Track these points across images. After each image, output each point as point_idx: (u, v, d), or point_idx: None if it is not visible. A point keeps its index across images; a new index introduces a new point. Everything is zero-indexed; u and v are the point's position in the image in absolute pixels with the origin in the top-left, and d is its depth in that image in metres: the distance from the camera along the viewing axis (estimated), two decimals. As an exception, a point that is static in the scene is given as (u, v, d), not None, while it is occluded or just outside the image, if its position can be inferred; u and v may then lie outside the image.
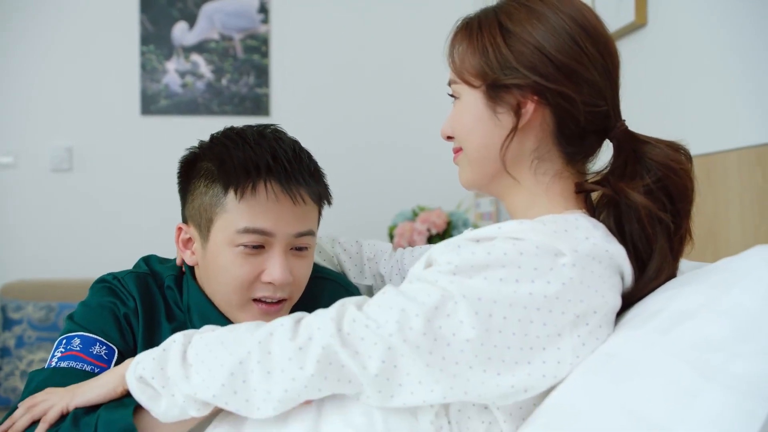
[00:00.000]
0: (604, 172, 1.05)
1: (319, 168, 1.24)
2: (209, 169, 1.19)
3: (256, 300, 1.19)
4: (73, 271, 3.34)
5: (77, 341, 1.16)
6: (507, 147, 1.03)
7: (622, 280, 0.99)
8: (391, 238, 3.17)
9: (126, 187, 3.49)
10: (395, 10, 3.61)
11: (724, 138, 1.68)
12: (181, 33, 3.53)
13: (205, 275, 1.22)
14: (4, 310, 2.99)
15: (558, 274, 0.91)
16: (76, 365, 1.13)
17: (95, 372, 1.13)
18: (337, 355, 0.91)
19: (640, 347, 0.89)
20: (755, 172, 1.54)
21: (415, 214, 3.17)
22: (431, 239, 3.05)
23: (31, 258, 3.41)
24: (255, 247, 1.16)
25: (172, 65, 3.52)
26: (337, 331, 0.92)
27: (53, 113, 3.46)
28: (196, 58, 3.54)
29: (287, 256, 1.18)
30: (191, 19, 3.53)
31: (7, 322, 2.96)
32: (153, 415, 1.00)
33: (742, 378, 0.78)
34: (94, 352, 1.16)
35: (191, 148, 1.26)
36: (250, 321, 1.16)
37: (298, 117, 3.49)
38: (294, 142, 1.23)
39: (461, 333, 0.89)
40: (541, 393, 0.93)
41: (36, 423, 1.04)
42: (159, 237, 3.00)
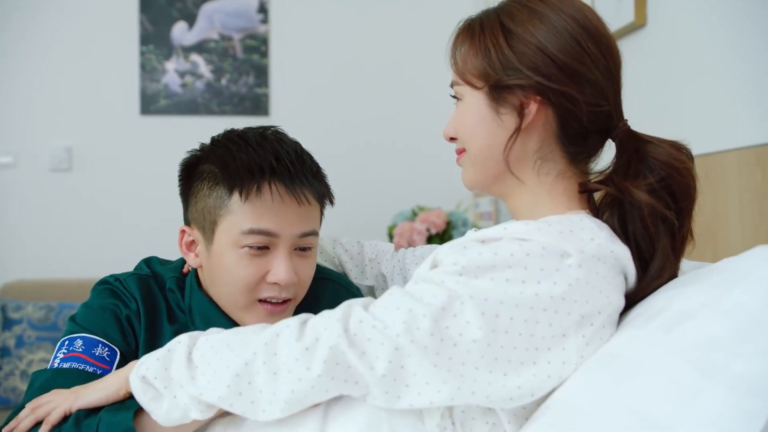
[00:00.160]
0: (607, 171, 1.05)
1: (321, 168, 1.25)
2: (212, 172, 1.20)
3: (261, 301, 1.19)
4: (73, 271, 3.35)
5: (79, 342, 1.16)
6: (510, 148, 1.03)
7: (626, 280, 0.99)
8: (390, 238, 3.17)
9: (126, 187, 3.48)
10: (395, 10, 3.61)
11: (723, 138, 1.68)
12: (180, 33, 3.53)
13: (210, 277, 1.22)
14: (3, 309, 2.98)
15: (564, 275, 0.91)
16: (78, 366, 1.13)
17: (98, 373, 1.13)
18: (344, 355, 0.91)
19: (642, 347, 0.89)
20: (754, 172, 1.54)
21: (414, 214, 3.17)
22: (431, 239, 3.05)
23: (30, 258, 3.41)
24: (260, 248, 1.17)
25: (172, 65, 3.52)
26: (344, 331, 0.92)
27: (53, 113, 3.46)
28: (196, 58, 3.54)
29: (292, 257, 1.18)
30: (191, 19, 3.53)
31: (6, 322, 2.96)
32: (153, 417, 0.99)
33: (743, 377, 0.79)
34: (97, 354, 1.16)
35: (192, 150, 1.26)
36: (256, 321, 1.17)
37: (298, 117, 3.49)
38: (295, 144, 1.23)
39: (468, 333, 0.89)
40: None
41: (40, 423, 1.04)
42: (159, 237, 3.00)
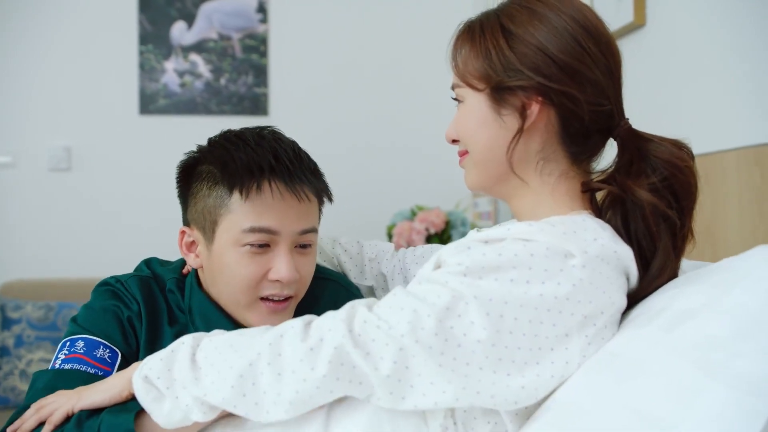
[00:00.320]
0: (610, 170, 1.05)
1: (318, 166, 1.26)
2: (211, 172, 1.20)
3: (263, 299, 1.20)
4: (72, 270, 3.34)
5: (81, 344, 1.17)
6: (513, 149, 1.03)
7: (628, 281, 0.99)
8: (389, 237, 3.17)
9: (125, 187, 3.48)
10: (394, 9, 3.61)
11: (722, 138, 1.68)
12: (179, 33, 3.53)
13: (210, 277, 1.23)
14: (3, 309, 2.98)
15: (568, 276, 0.92)
16: (79, 368, 1.14)
17: (99, 375, 1.13)
18: (349, 355, 0.91)
19: (644, 346, 0.90)
20: (753, 172, 1.54)
21: (413, 214, 3.17)
22: (430, 239, 3.05)
23: (29, 257, 3.41)
24: (261, 246, 1.17)
25: (171, 65, 3.52)
26: (349, 331, 0.92)
27: (52, 113, 3.46)
28: (195, 57, 3.54)
29: (292, 254, 1.19)
30: (190, 19, 3.53)
31: (6, 322, 2.96)
32: (154, 418, 0.99)
33: (744, 377, 0.79)
34: (98, 355, 1.16)
35: (189, 152, 1.26)
36: (258, 320, 1.19)
37: (297, 116, 3.49)
38: (293, 142, 1.24)
39: (472, 334, 0.89)
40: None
41: (44, 423, 1.04)
42: (158, 237, 2.99)
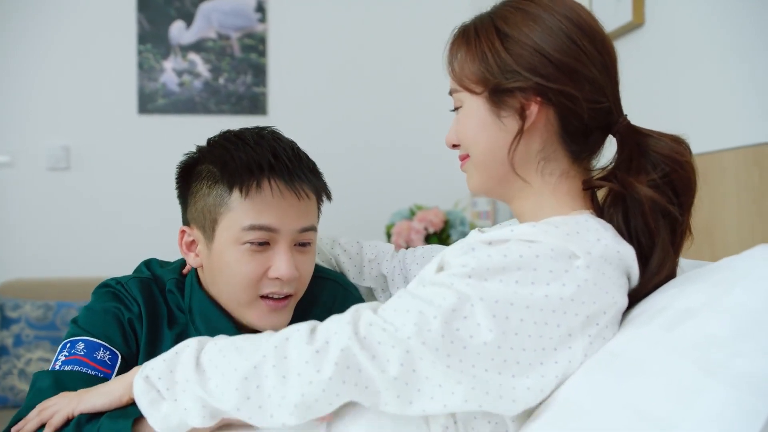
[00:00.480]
0: (610, 167, 1.06)
1: (317, 166, 1.26)
2: (211, 171, 1.21)
3: (263, 297, 1.20)
4: (71, 270, 3.34)
5: (81, 345, 1.17)
6: (514, 150, 1.03)
7: (629, 280, 0.99)
8: (388, 237, 3.17)
9: (123, 186, 3.48)
10: (392, 9, 3.61)
11: (721, 137, 1.68)
12: (178, 32, 3.52)
13: (210, 276, 1.23)
14: (1, 309, 2.98)
15: (573, 277, 0.92)
16: (80, 369, 1.14)
17: (99, 377, 1.14)
18: (355, 357, 0.90)
19: (644, 346, 0.90)
20: (752, 172, 1.55)
21: (412, 213, 3.17)
22: (428, 238, 3.05)
23: (28, 257, 3.41)
24: (261, 244, 1.18)
25: (170, 64, 3.52)
26: (355, 334, 0.91)
27: (50, 112, 3.45)
28: (194, 57, 3.54)
29: (292, 252, 1.20)
30: (188, 18, 3.53)
31: (4, 321, 2.96)
32: (150, 422, 0.98)
33: (744, 376, 0.79)
34: (98, 357, 1.16)
35: (189, 153, 1.27)
36: (258, 318, 1.20)
37: (296, 116, 3.50)
38: (292, 142, 1.25)
39: (479, 336, 0.89)
40: None
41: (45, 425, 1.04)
42: (157, 236, 2.99)
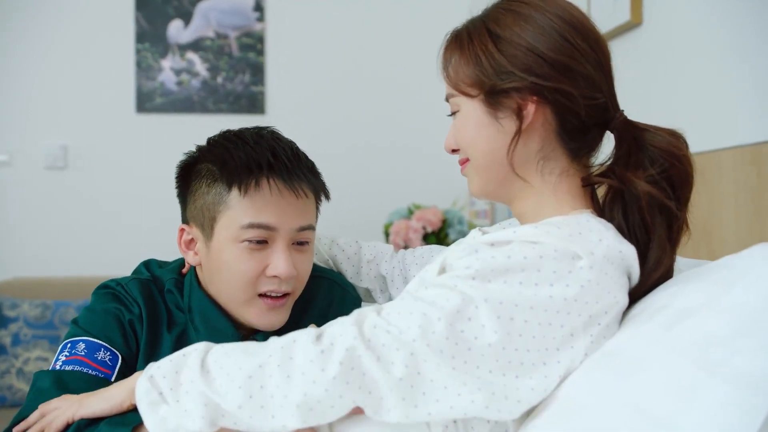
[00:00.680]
0: (608, 163, 1.06)
1: (315, 166, 1.27)
2: (210, 170, 1.21)
3: (261, 295, 1.21)
4: (69, 269, 3.34)
5: (82, 346, 1.17)
6: (513, 150, 1.03)
7: (629, 280, 1.00)
8: (386, 236, 3.17)
9: (121, 186, 3.48)
10: (391, 8, 3.62)
11: (718, 136, 1.68)
12: (176, 31, 3.52)
13: (209, 274, 1.24)
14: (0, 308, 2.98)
15: (576, 277, 0.92)
16: (81, 369, 1.14)
17: (99, 377, 1.14)
18: (360, 359, 0.90)
19: (644, 344, 0.90)
20: (750, 171, 1.55)
21: (410, 212, 3.17)
22: (427, 237, 3.06)
23: (26, 256, 3.41)
24: (259, 242, 1.18)
25: (168, 63, 3.52)
26: (360, 335, 0.91)
27: (48, 111, 3.45)
28: (192, 56, 3.54)
29: (290, 251, 1.20)
30: (186, 17, 3.53)
31: (2, 320, 2.95)
32: (147, 425, 0.96)
33: (743, 374, 0.79)
34: (99, 358, 1.16)
35: (188, 152, 1.27)
36: (257, 316, 1.20)
37: (294, 115, 3.50)
38: (291, 142, 1.26)
39: (483, 337, 0.90)
40: None
41: None
42: (155, 235, 2.99)
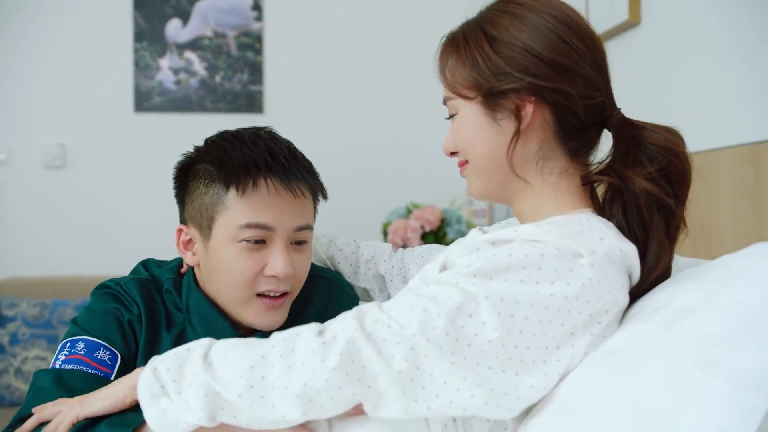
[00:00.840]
0: (607, 161, 1.06)
1: (313, 165, 1.27)
2: (208, 170, 1.21)
3: (259, 295, 1.21)
4: (67, 268, 3.34)
5: (81, 345, 1.17)
6: (513, 151, 1.04)
7: (630, 279, 1.00)
8: (385, 235, 3.17)
9: (119, 185, 3.48)
10: (389, 8, 3.62)
11: (717, 136, 1.69)
12: (174, 30, 3.52)
13: (207, 274, 1.24)
14: (-3, 307, 2.98)
15: (577, 276, 0.93)
16: (81, 368, 1.14)
17: (99, 376, 1.14)
18: (360, 351, 0.90)
19: (643, 343, 0.91)
20: (748, 171, 1.55)
21: (408, 212, 3.17)
22: (425, 236, 3.06)
23: (24, 255, 3.40)
24: (257, 242, 1.18)
25: (166, 62, 3.51)
26: (361, 328, 0.92)
27: (46, 110, 3.45)
28: (190, 55, 3.53)
29: (288, 251, 1.20)
30: (185, 16, 3.52)
31: (0, 320, 2.95)
32: (147, 418, 0.96)
33: (742, 372, 0.80)
34: (98, 357, 1.16)
35: (186, 153, 1.28)
36: (255, 316, 1.20)
37: (292, 114, 3.50)
38: (288, 142, 1.26)
39: (484, 334, 0.90)
40: None
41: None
42: (153, 234, 2.99)
